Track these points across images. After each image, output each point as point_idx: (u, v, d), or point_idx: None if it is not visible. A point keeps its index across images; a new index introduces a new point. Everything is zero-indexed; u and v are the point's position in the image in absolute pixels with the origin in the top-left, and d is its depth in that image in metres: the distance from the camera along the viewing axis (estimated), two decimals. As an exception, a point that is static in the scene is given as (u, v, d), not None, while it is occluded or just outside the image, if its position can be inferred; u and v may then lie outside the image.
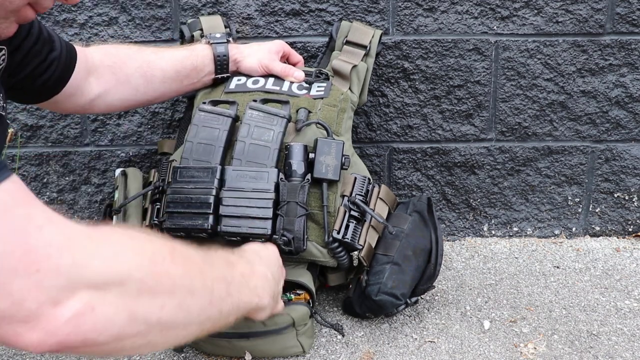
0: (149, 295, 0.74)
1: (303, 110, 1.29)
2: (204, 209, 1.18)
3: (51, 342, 0.66)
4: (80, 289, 0.67)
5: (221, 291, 0.87)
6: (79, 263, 0.68)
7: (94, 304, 0.68)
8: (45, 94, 1.19)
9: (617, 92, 1.60)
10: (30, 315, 0.65)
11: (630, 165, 1.66)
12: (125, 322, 0.71)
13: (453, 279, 1.51)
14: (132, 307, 0.72)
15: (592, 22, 1.56)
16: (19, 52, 1.07)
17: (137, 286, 0.73)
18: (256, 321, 1.12)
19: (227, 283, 0.89)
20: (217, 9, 1.56)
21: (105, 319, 0.69)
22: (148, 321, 0.74)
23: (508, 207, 1.70)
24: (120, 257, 0.73)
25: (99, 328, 0.69)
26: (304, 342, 1.23)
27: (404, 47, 1.58)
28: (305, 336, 1.23)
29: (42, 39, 1.12)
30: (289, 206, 1.19)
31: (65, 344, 0.67)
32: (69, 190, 1.69)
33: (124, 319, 0.71)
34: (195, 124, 1.26)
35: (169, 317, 0.77)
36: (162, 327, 0.76)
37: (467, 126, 1.64)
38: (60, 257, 0.67)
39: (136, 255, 0.75)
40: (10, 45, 1.01)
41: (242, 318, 0.99)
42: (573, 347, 1.26)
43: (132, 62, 1.31)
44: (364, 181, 1.28)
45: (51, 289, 0.65)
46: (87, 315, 0.67)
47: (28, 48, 1.09)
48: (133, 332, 0.73)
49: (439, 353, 1.25)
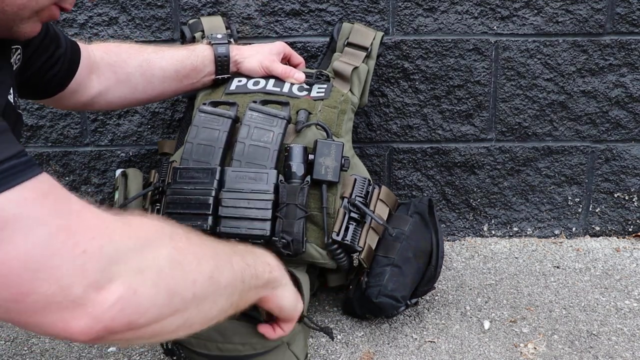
0: (181, 272, 0.76)
1: (303, 111, 1.29)
2: (203, 209, 1.18)
3: (98, 328, 0.67)
4: (121, 272, 0.68)
5: (239, 262, 0.88)
6: (118, 246, 0.70)
7: (136, 286, 0.69)
8: (51, 90, 1.20)
9: (617, 92, 1.60)
10: (77, 301, 0.65)
11: (630, 165, 1.66)
12: (164, 300, 0.72)
13: (453, 279, 1.52)
14: (170, 285, 0.73)
15: (592, 22, 1.56)
16: (28, 49, 1.08)
17: (169, 264, 0.74)
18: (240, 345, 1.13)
19: (240, 255, 0.90)
20: (217, 9, 1.56)
21: (147, 300, 0.70)
22: (184, 298, 0.75)
23: (508, 207, 1.70)
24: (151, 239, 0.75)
25: (142, 310, 0.70)
26: (297, 352, 1.19)
27: (404, 47, 1.58)
28: (297, 344, 1.19)
29: (49, 35, 1.13)
30: (289, 208, 1.19)
31: (110, 329, 0.68)
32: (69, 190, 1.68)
33: (164, 297, 0.72)
34: (196, 124, 1.26)
35: (201, 291, 0.78)
36: (197, 302, 0.77)
37: (467, 126, 1.64)
38: (101, 240, 0.68)
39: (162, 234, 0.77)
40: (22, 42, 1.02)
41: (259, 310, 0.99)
42: (573, 347, 1.27)
43: (132, 61, 1.31)
44: (364, 182, 1.28)
45: (95, 272, 0.66)
46: (130, 298, 0.68)
47: (37, 44, 1.10)
48: (172, 310, 0.74)
49: (439, 353, 1.26)
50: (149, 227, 0.77)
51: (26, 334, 1.32)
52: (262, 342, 1.12)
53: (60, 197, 0.70)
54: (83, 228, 0.68)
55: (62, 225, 0.67)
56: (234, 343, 1.12)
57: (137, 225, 0.75)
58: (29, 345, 1.29)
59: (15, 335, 1.32)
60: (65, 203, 0.69)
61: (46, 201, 0.68)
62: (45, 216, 0.66)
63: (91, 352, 1.26)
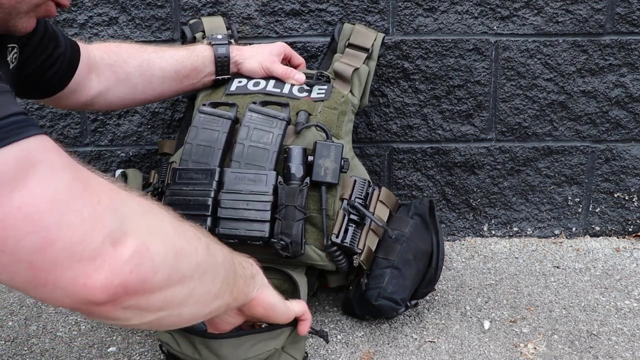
0: (184, 237, 0.79)
1: (303, 112, 1.29)
2: (202, 211, 1.18)
3: (116, 283, 0.67)
4: (132, 230, 0.70)
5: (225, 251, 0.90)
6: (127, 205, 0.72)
7: (147, 244, 0.71)
8: (50, 90, 1.20)
9: (617, 92, 1.60)
10: (97, 251, 0.66)
11: (630, 165, 1.65)
12: (173, 261, 0.74)
13: (453, 279, 1.52)
14: (176, 246, 0.75)
15: (592, 22, 1.55)
16: (27, 48, 1.08)
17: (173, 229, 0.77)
18: None
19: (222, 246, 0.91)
20: (217, 9, 1.56)
21: (158, 256, 0.72)
22: (189, 263, 0.77)
23: (508, 207, 1.70)
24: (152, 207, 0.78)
25: (155, 266, 0.71)
26: (294, 353, 1.16)
27: (404, 47, 1.58)
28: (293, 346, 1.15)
29: (48, 34, 1.13)
30: (288, 210, 1.18)
31: (126, 285, 0.68)
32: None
33: (172, 258, 0.74)
34: (195, 125, 1.26)
35: (203, 261, 0.80)
36: (200, 272, 0.79)
37: (467, 126, 1.63)
38: (112, 196, 0.71)
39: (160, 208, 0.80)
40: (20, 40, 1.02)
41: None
42: (573, 347, 1.27)
43: (132, 61, 1.31)
44: (364, 184, 1.27)
45: (111, 226, 0.68)
46: (144, 253, 0.70)
47: (36, 44, 1.10)
48: (180, 275, 0.76)
49: (439, 353, 1.26)
50: (146, 200, 0.79)
51: (26, 334, 1.33)
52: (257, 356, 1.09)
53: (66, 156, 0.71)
54: (95, 182, 0.71)
55: (78, 175, 0.69)
56: None
57: (138, 196, 0.78)
58: (29, 345, 1.30)
59: (15, 335, 1.33)
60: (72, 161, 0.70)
61: (60, 152, 0.69)
62: (65, 164, 0.68)
63: (91, 352, 1.27)
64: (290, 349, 1.14)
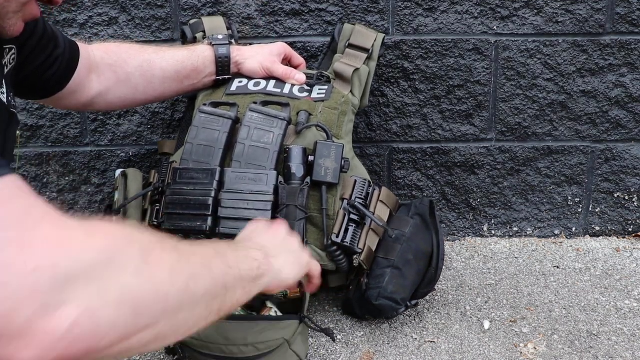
0: (151, 285, 0.68)
1: (303, 112, 1.29)
2: (202, 210, 1.18)
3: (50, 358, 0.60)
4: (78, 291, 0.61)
5: (219, 266, 0.82)
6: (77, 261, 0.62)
7: (94, 308, 0.62)
8: (49, 90, 1.20)
9: (617, 92, 1.60)
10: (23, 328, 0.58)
11: (630, 165, 1.66)
12: (129, 319, 0.65)
13: (453, 279, 1.52)
14: (136, 302, 0.66)
15: (592, 22, 1.56)
16: (26, 49, 1.08)
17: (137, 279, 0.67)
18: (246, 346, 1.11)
19: (221, 258, 0.84)
20: (217, 9, 1.56)
21: (107, 321, 0.63)
22: (154, 313, 0.68)
23: (508, 207, 1.70)
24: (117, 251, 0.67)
25: (102, 333, 0.62)
26: (298, 350, 1.18)
27: (404, 47, 1.58)
28: (298, 344, 1.18)
29: (47, 35, 1.13)
30: (288, 209, 1.19)
31: (65, 357, 0.61)
32: (69, 190, 1.69)
33: (128, 316, 0.65)
34: (196, 125, 1.26)
35: (175, 303, 0.71)
36: (169, 315, 0.71)
37: (467, 126, 1.64)
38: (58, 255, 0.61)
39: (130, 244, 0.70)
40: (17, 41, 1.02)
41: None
42: (573, 347, 1.27)
43: (133, 61, 1.31)
44: (364, 184, 1.28)
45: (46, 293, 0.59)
46: (86, 323, 0.61)
47: (34, 44, 1.10)
48: (139, 327, 0.67)
49: (439, 353, 1.26)
50: (116, 238, 0.69)
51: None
52: (265, 343, 1.12)
53: (20, 205, 0.62)
54: (38, 241, 0.60)
55: (12, 237, 0.59)
56: (237, 345, 1.12)
57: (103, 236, 0.67)
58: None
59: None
60: (24, 212, 0.62)
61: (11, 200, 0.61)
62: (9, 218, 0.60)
63: (91, 352, 1.26)
64: (296, 346, 1.16)
